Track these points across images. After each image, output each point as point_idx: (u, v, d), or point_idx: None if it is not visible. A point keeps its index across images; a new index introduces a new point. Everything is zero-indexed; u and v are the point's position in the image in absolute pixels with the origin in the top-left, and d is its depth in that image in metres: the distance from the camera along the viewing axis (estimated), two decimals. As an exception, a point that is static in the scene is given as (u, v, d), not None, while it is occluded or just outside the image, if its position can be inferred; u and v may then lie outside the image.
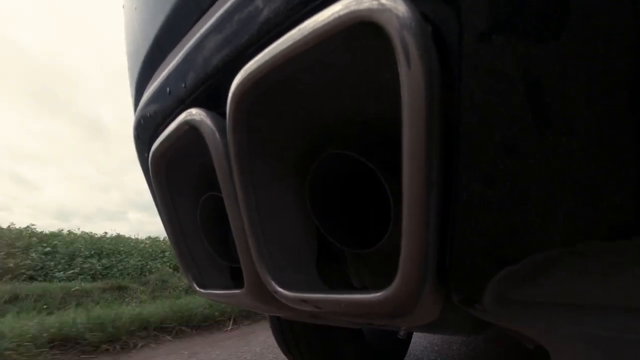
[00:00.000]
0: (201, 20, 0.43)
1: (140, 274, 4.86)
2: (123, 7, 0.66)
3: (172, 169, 0.54)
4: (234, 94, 0.36)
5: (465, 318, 0.40)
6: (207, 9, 0.42)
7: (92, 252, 5.19)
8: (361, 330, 1.13)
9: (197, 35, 0.43)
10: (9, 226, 5.66)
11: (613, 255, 0.23)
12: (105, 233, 6.85)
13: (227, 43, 0.39)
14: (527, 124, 0.22)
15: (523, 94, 0.22)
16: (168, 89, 0.49)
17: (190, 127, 0.44)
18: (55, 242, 5.19)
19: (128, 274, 4.80)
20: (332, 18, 0.28)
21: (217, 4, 0.41)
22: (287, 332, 1.05)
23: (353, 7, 0.27)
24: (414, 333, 1.52)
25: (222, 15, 0.39)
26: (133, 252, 5.65)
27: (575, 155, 0.21)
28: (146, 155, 0.56)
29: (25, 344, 1.80)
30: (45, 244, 5.02)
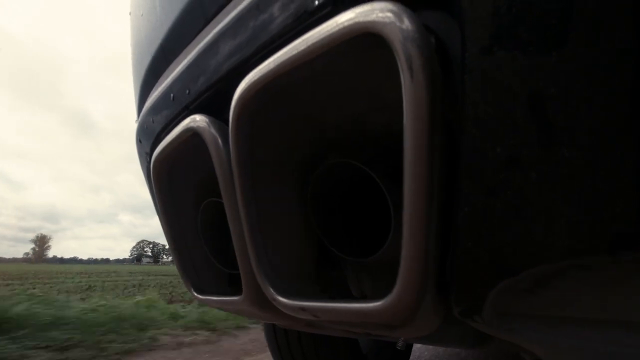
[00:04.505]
0: (207, 28, 0.44)
1: None
2: (130, 13, 0.67)
3: (174, 174, 0.54)
4: (237, 101, 0.36)
5: (465, 330, 0.40)
6: (213, 18, 0.43)
7: None
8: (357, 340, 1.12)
9: (202, 42, 0.43)
10: None
11: (614, 268, 0.23)
12: None
13: (232, 51, 0.39)
14: (529, 135, 0.23)
15: (525, 105, 0.23)
16: (172, 95, 0.49)
17: (193, 133, 0.44)
18: None
19: None
20: (336, 29, 0.28)
21: (222, 12, 0.42)
22: (282, 340, 1.04)
23: (357, 19, 0.27)
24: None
25: (227, 24, 0.40)
26: None
27: (577, 167, 0.21)
28: (148, 160, 0.57)
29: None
30: None
